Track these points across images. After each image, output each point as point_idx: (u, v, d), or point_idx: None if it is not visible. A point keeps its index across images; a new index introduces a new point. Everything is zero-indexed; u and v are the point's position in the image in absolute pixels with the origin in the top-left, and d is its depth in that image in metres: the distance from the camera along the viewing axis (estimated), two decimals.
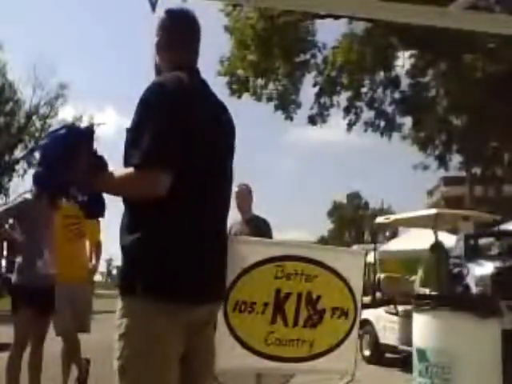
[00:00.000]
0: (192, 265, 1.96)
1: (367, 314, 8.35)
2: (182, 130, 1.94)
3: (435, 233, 8.63)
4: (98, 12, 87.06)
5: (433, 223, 8.60)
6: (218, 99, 2.24)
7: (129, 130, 2.03)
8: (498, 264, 7.97)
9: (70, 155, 1.92)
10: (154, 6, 2.71)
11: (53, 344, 4.84)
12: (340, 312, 3.91)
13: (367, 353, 8.39)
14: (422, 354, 4.10)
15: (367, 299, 11.41)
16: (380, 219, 10.15)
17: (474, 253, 8.90)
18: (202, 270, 2.00)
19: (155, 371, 1.92)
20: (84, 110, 51.31)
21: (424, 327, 4.24)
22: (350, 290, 3.95)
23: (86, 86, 75.85)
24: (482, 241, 9.35)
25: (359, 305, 4.00)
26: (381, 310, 8.38)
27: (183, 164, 1.92)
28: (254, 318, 3.65)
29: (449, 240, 12.17)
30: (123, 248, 1.99)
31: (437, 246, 8.48)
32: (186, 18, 2.24)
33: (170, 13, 2.24)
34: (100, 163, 2.00)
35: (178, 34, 2.20)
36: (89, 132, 2.00)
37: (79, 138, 1.97)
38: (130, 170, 1.89)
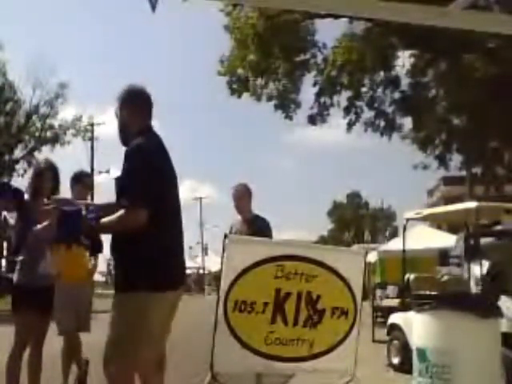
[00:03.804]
0: (172, 263, 3.01)
1: (395, 317, 7.85)
2: (157, 177, 2.93)
3: (468, 229, 7.99)
4: (97, 12, 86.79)
5: (473, 217, 7.86)
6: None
7: (118, 179, 3.06)
8: (498, 264, 7.93)
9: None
10: (154, 6, 2.71)
11: (53, 344, 4.84)
12: (340, 312, 3.91)
13: (396, 360, 7.57)
14: (422, 353, 4.11)
15: (395, 302, 11.01)
16: (410, 214, 9.22)
17: (474, 253, 8.83)
18: (177, 266, 3.09)
19: (141, 344, 2.90)
20: (84, 109, 51.15)
21: (424, 327, 4.24)
22: (350, 289, 3.96)
23: (86, 86, 75.70)
24: (482, 241, 9.30)
25: (359, 305, 4.00)
26: (412, 314, 7.47)
27: (157, 199, 2.88)
28: (253, 317, 3.65)
29: (449, 240, 12.19)
30: (123, 257, 3.00)
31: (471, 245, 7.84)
32: (146, 94, 3.20)
33: (134, 91, 3.18)
34: (96, 216, 3.08)
35: (145, 108, 3.18)
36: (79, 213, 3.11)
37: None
38: (120, 212, 2.89)
